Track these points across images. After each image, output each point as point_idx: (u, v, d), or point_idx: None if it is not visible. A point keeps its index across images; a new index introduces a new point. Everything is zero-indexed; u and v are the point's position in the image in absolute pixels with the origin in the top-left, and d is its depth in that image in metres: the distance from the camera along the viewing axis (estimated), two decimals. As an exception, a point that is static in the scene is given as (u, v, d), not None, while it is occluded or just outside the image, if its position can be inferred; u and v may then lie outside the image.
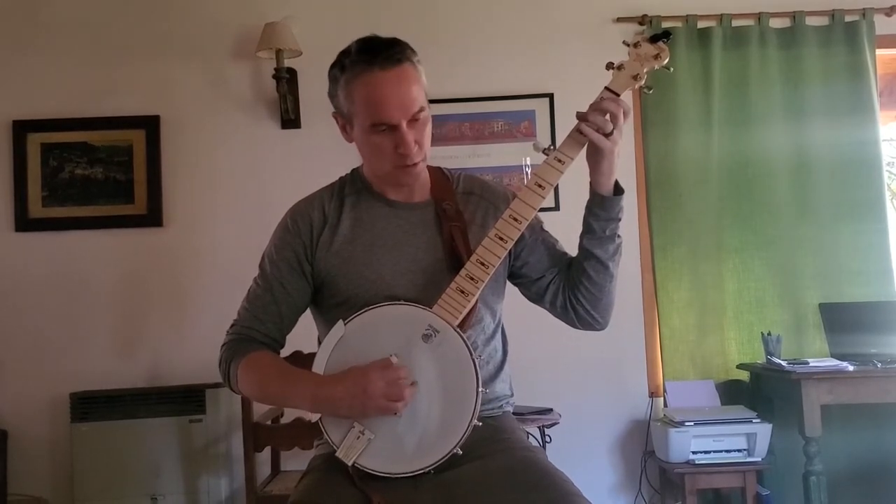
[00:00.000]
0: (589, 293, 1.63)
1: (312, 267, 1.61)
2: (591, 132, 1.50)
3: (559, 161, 1.53)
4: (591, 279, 1.61)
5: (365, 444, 1.44)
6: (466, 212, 1.64)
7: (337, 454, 1.45)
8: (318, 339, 1.65)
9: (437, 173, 1.69)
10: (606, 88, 1.55)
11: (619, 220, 1.61)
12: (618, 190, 1.59)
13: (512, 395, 1.69)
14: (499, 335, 1.68)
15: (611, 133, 1.51)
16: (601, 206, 1.58)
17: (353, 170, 1.70)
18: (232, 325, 1.65)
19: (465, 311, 1.48)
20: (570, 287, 1.65)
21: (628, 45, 1.60)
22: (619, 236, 1.63)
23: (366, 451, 1.44)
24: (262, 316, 1.62)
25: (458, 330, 1.47)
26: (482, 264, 1.50)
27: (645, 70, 1.58)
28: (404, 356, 1.45)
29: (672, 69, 1.62)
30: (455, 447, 1.44)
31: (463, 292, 1.48)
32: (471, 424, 1.44)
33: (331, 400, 1.44)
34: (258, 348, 1.60)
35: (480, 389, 1.45)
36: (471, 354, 1.46)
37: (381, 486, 1.43)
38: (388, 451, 1.44)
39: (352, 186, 1.66)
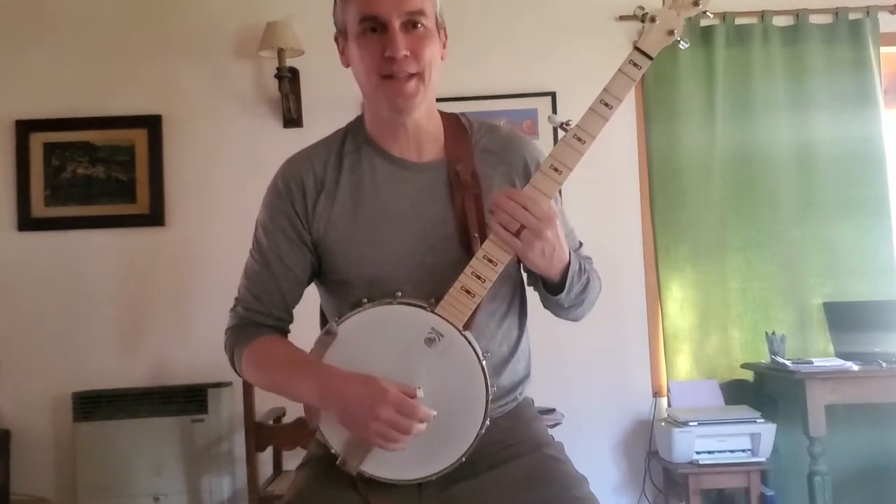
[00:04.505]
0: (560, 314, 1.53)
1: (311, 235, 1.46)
2: (499, 230, 1.32)
3: (579, 140, 1.33)
4: (558, 312, 1.52)
5: (367, 451, 1.36)
6: (484, 175, 1.45)
7: (338, 464, 1.37)
8: (321, 307, 1.56)
9: (453, 123, 1.50)
10: (636, 49, 1.33)
11: (580, 291, 1.44)
12: (562, 283, 1.40)
13: (528, 374, 1.52)
14: (517, 306, 1.51)
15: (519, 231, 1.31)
16: (544, 288, 1.45)
17: (358, 117, 1.52)
18: (234, 305, 1.52)
19: (469, 313, 1.35)
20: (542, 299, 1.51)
21: None
22: (584, 290, 1.45)
23: (369, 457, 1.36)
24: (263, 295, 1.48)
25: (464, 333, 1.35)
26: (489, 261, 1.33)
27: (682, 19, 1.32)
28: (406, 362, 1.34)
29: (688, 44, 1.35)
30: (462, 456, 1.36)
31: (469, 292, 1.34)
32: (479, 434, 1.35)
33: (340, 396, 1.32)
34: (263, 333, 1.47)
35: (490, 396, 1.35)
36: (479, 359, 1.35)
37: (383, 492, 1.38)
38: (391, 458, 1.34)
39: (353, 140, 1.49)
